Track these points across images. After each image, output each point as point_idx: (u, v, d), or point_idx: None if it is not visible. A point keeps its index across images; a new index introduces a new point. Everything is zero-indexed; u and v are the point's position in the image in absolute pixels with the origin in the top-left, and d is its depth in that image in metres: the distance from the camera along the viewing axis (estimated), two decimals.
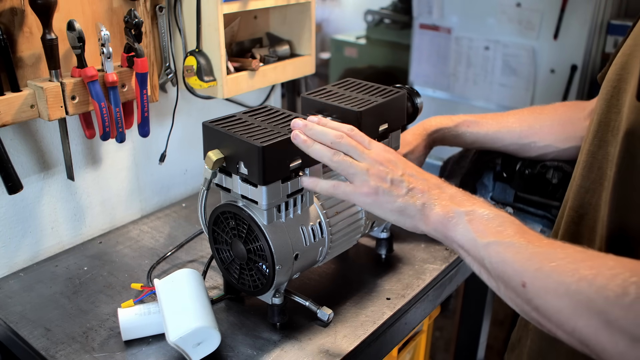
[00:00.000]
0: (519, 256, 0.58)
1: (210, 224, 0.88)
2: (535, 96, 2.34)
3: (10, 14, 0.89)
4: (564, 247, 0.58)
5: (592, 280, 0.51)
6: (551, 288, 0.54)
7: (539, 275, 0.55)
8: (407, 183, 0.69)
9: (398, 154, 0.74)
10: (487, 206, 0.65)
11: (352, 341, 0.86)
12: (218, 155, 0.81)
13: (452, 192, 0.69)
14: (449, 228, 0.65)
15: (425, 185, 0.70)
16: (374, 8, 3.02)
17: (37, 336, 0.87)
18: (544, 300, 0.55)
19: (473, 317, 1.44)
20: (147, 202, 1.27)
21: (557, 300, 0.53)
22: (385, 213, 0.70)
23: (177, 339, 0.77)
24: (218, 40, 1.09)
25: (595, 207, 0.69)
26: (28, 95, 0.91)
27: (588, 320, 0.51)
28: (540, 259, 0.56)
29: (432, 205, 0.67)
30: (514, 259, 0.58)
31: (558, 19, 2.18)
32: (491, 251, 0.60)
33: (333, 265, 1.05)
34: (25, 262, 1.07)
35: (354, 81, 1.00)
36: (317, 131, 0.75)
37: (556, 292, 0.54)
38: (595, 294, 0.51)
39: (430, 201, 0.68)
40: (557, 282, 0.54)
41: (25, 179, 1.02)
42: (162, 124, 1.23)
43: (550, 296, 0.54)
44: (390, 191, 0.69)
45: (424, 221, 0.68)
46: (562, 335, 0.55)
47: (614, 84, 0.68)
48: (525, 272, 0.57)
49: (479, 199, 0.68)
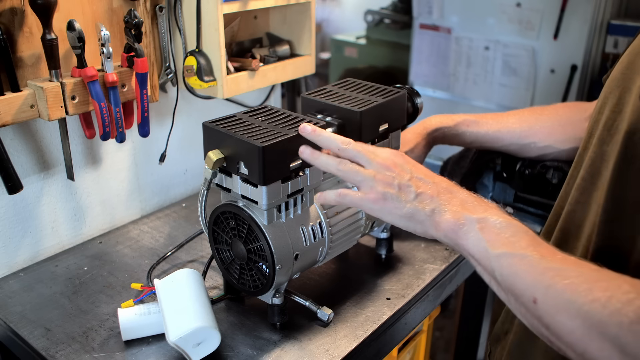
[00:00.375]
0: (531, 270, 0.56)
1: (210, 224, 0.88)
2: (535, 96, 2.34)
3: (10, 14, 0.89)
4: (578, 264, 0.56)
5: (606, 303, 0.50)
6: (563, 307, 0.53)
7: (550, 293, 0.54)
8: (415, 188, 0.68)
9: (407, 157, 0.73)
10: (500, 213, 0.64)
11: (352, 341, 0.86)
12: (218, 155, 0.81)
13: (464, 196, 0.67)
14: (460, 235, 0.63)
15: (434, 189, 0.68)
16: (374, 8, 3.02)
17: (37, 336, 0.87)
18: (555, 319, 0.53)
19: (473, 317, 1.44)
20: (147, 202, 1.27)
21: (569, 320, 0.52)
22: (394, 219, 0.69)
23: (177, 339, 0.77)
24: (218, 40, 1.09)
25: (584, 205, 0.69)
26: (28, 95, 0.91)
27: (601, 344, 0.50)
28: (552, 275, 0.55)
29: (443, 211, 0.66)
30: (525, 273, 0.57)
31: (558, 19, 2.18)
32: (503, 263, 0.59)
33: (333, 265, 1.05)
34: (25, 262, 1.07)
35: (354, 81, 1.00)
36: (325, 137, 0.74)
37: (568, 312, 0.52)
38: (608, 317, 0.49)
39: (441, 207, 0.66)
40: (569, 302, 0.52)
41: (25, 179, 1.02)
42: (162, 124, 1.23)
43: (562, 315, 0.53)
44: (398, 197, 0.68)
45: (434, 227, 0.66)
46: (572, 354, 0.54)
47: (619, 82, 0.67)
48: (536, 288, 0.55)
49: (492, 204, 0.66)
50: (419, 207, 0.67)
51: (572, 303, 0.52)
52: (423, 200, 0.67)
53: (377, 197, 0.69)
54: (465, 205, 0.66)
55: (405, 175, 0.69)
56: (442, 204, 0.66)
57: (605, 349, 0.50)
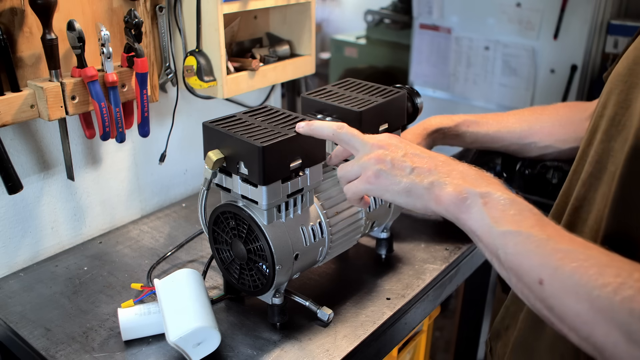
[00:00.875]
0: (538, 250, 0.55)
1: (210, 224, 0.88)
2: (535, 96, 2.34)
3: (10, 14, 0.89)
4: (587, 247, 0.55)
5: (617, 289, 0.49)
6: (571, 290, 0.52)
7: (558, 275, 0.53)
8: (410, 162, 0.66)
9: (402, 138, 0.72)
10: (503, 189, 0.62)
11: (352, 341, 0.86)
12: (218, 155, 0.81)
13: (463, 169, 0.65)
14: (462, 210, 0.61)
15: (431, 163, 0.66)
16: (374, 8, 3.02)
17: (37, 336, 0.87)
18: (561, 301, 0.52)
19: (473, 317, 1.44)
20: (147, 202, 1.27)
21: (576, 303, 0.51)
22: (393, 196, 0.67)
23: (177, 339, 0.77)
24: (218, 40, 1.09)
25: (590, 201, 0.68)
26: (28, 95, 0.91)
27: (607, 330, 0.49)
28: (560, 256, 0.53)
29: (443, 184, 0.63)
30: (532, 253, 0.55)
31: (558, 19, 2.18)
32: (507, 241, 0.57)
33: (333, 265, 1.05)
34: (25, 262, 1.07)
35: (354, 81, 1.00)
36: (318, 125, 0.76)
37: (576, 294, 0.51)
38: (619, 304, 0.48)
39: (440, 179, 0.64)
40: (578, 285, 0.51)
41: (25, 179, 1.02)
42: (162, 124, 1.23)
43: (569, 298, 0.52)
44: (393, 173, 0.67)
45: (435, 201, 0.64)
46: (574, 338, 0.53)
47: (625, 78, 0.65)
48: (543, 269, 0.54)
49: (493, 178, 0.64)
50: (417, 181, 0.65)
51: (581, 286, 0.51)
52: (420, 174, 0.65)
53: (371, 175, 0.68)
54: (466, 178, 0.63)
55: (399, 151, 0.68)
56: (442, 176, 0.64)
57: (612, 334, 0.49)
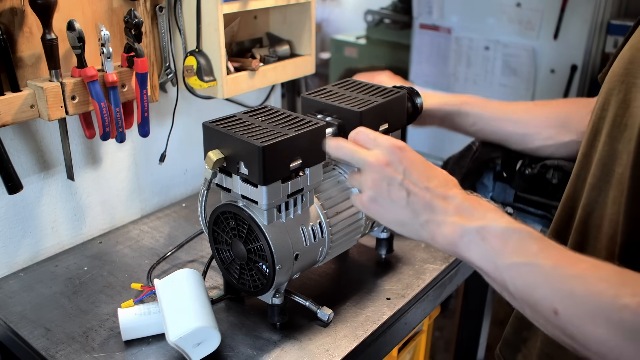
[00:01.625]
0: (547, 280, 0.53)
1: (210, 224, 0.88)
2: (535, 96, 2.34)
3: (10, 14, 0.89)
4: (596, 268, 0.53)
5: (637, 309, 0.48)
6: (588, 316, 0.50)
7: (572, 302, 0.51)
8: (405, 193, 0.64)
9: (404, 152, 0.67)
10: (499, 217, 0.60)
11: (352, 341, 0.86)
12: (218, 155, 0.81)
13: (458, 202, 0.63)
14: (462, 249, 0.60)
15: (427, 194, 0.64)
16: (374, 8, 3.02)
17: (37, 336, 0.87)
18: (580, 329, 0.51)
19: (473, 317, 1.44)
20: (147, 202, 1.27)
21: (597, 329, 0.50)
22: (387, 224, 0.67)
23: (177, 339, 0.77)
24: (218, 40, 1.09)
25: (601, 205, 0.67)
26: (28, 95, 0.91)
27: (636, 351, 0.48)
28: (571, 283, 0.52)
29: (437, 223, 0.62)
30: (542, 284, 0.54)
31: (558, 19, 2.18)
32: (514, 274, 0.55)
33: (333, 265, 1.05)
34: (25, 262, 1.07)
35: (354, 81, 1.00)
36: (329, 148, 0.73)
37: (594, 320, 0.50)
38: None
39: (436, 218, 0.62)
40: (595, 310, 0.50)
41: (25, 179, 1.02)
42: (162, 124, 1.23)
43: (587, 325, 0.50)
44: (389, 200, 0.65)
45: (431, 239, 0.63)
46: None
47: (622, 78, 0.65)
48: (556, 299, 0.52)
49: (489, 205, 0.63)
50: (411, 217, 0.64)
51: (599, 311, 0.50)
52: (415, 209, 0.64)
53: (366, 200, 0.67)
54: (461, 212, 0.62)
55: (396, 177, 0.65)
56: (437, 214, 0.63)
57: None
